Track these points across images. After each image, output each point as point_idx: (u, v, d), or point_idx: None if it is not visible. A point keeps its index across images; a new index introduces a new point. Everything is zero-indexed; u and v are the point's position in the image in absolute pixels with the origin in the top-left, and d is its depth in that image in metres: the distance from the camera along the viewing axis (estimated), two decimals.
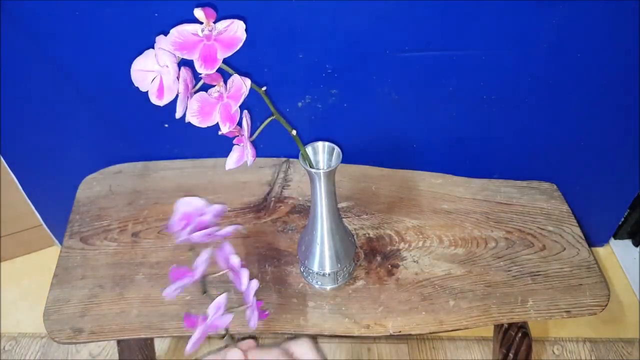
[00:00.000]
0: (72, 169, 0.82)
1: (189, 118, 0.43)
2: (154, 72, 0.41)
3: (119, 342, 0.69)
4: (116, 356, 0.71)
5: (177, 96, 0.41)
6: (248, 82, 0.43)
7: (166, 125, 0.78)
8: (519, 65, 0.69)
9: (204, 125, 0.43)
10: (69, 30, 0.65)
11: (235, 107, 0.43)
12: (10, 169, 0.88)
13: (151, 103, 0.41)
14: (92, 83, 0.72)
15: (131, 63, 0.41)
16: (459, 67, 0.69)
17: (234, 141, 0.48)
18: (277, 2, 0.62)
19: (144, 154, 0.83)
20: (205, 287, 0.47)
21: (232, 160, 0.49)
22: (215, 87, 0.43)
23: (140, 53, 0.41)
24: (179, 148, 0.83)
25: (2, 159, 0.86)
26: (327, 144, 0.56)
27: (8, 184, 0.90)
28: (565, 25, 0.63)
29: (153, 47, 0.41)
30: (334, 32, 0.65)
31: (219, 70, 0.40)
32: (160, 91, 0.41)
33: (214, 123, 0.43)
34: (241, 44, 0.39)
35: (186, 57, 0.39)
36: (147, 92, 0.41)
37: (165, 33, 0.39)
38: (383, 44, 0.66)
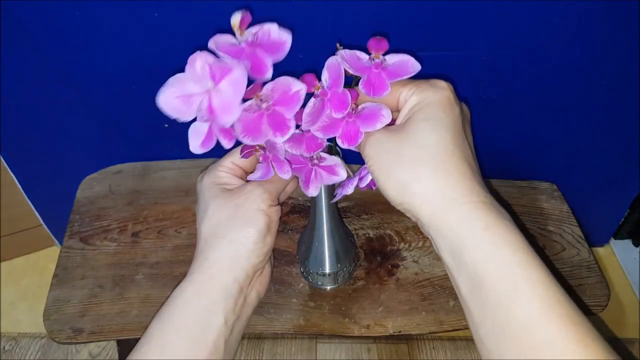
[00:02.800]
0: (72, 169, 0.82)
1: (240, 139, 0.39)
2: (199, 94, 0.36)
3: (119, 342, 0.69)
4: (116, 356, 0.71)
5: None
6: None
7: (166, 125, 0.78)
8: (519, 65, 0.69)
9: (257, 143, 0.39)
10: (69, 30, 0.65)
11: (289, 115, 0.39)
12: (10, 169, 0.88)
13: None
14: (92, 83, 0.72)
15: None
16: (459, 67, 0.69)
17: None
18: (277, 2, 0.62)
19: (144, 154, 0.83)
20: None
21: (255, 177, 0.47)
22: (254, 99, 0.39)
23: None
24: (179, 148, 0.83)
25: (2, 159, 0.86)
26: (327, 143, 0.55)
27: (8, 184, 0.90)
28: (565, 25, 0.63)
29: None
30: (334, 32, 0.65)
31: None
32: (212, 111, 0.35)
33: (267, 137, 0.40)
34: (288, 47, 0.37)
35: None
36: (159, 98, 0.37)
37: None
38: None
